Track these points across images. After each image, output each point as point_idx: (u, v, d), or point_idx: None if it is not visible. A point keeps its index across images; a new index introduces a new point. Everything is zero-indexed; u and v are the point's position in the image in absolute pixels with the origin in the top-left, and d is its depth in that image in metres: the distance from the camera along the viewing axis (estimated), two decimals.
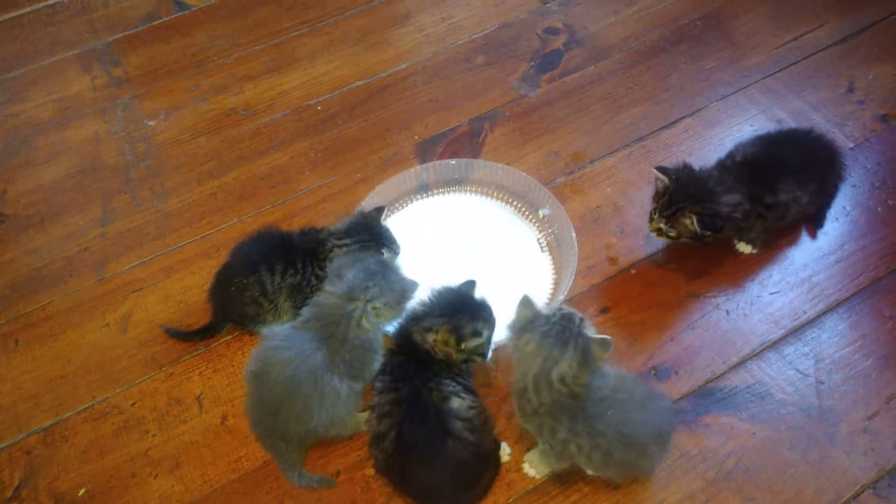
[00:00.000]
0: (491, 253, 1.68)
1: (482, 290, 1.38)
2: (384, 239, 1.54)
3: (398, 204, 1.77)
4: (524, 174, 1.74)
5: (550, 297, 1.59)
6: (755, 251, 1.65)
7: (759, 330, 1.54)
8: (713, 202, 1.50)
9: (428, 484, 1.27)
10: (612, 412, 1.20)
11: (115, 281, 1.71)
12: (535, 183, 1.72)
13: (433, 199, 1.80)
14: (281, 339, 1.31)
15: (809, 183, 1.57)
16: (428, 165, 1.78)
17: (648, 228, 1.60)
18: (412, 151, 1.92)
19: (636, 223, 1.72)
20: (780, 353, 1.51)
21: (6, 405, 1.52)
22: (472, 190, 1.80)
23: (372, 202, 1.69)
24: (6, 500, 1.39)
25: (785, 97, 1.96)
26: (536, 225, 1.72)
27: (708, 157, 1.80)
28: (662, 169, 1.55)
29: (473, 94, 2.04)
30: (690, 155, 1.84)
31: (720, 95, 1.98)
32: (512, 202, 1.77)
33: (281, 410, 1.28)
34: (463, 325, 1.27)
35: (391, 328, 1.38)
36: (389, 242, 1.55)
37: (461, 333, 1.27)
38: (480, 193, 1.79)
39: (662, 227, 1.55)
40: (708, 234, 1.51)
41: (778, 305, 1.58)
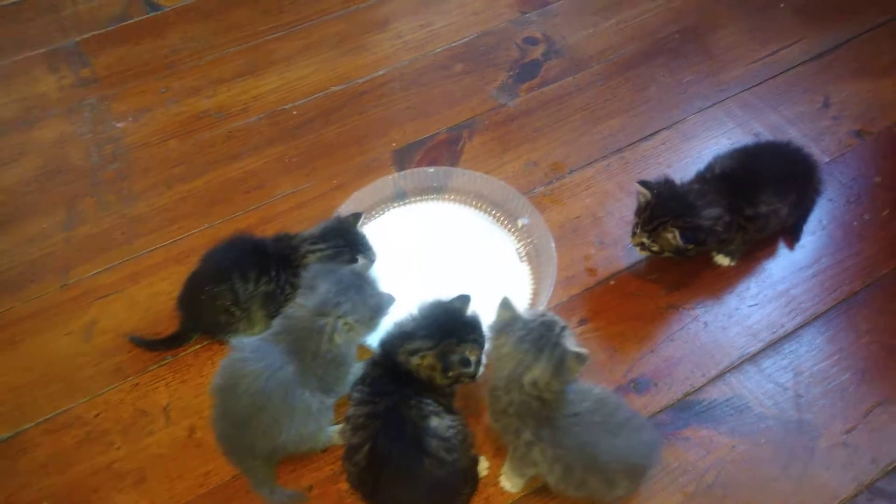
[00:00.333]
0: (469, 262, 1.66)
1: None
2: (360, 245, 1.50)
3: (375, 211, 1.74)
4: (503, 183, 1.72)
5: (529, 307, 1.56)
6: (733, 264, 1.65)
7: (737, 342, 1.54)
8: (695, 216, 1.49)
9: (402, 502, 1.23)
10: (579, 429, 1.19)
11: (79, 287, 1.65)
12: (514, 192, 1.70)
13: (411, 206, 1.77)
14: (250, 350, 1.26)
15: (788, 195, 1.57)
16: (406, 173, 1.76)
17: (631, 243, 1.59)
18: (390, 158, 1.89)
19: (615, 234, 1.72)
20: (758, 366, 1.50)
21: None
22: (450, 198, 1.78)
23: (348, 209, 1.65)
24: None
25: (762, 111, 1.97)
26: (515, 235, 1.70)
27: (686, 169, 1.80)
28: (645, 183, 1.54)
29: (452, 102, 2.02)
30: (669, 167, 1.84)
31: (698, 108, 1.99)
32: (490, 211, 1.75)
33: (248, 425, 1.24)
34: (450, 351, 1.22)
35: (372, 340, 1.34)
36: (365, 249, 1.51)
37: (448, 361, 1.22)
38: (459, 202, 1.77)
39: (645, 241, 1.54)
40: (691, 247, 1.50)
41: (756, 318, 1.58)
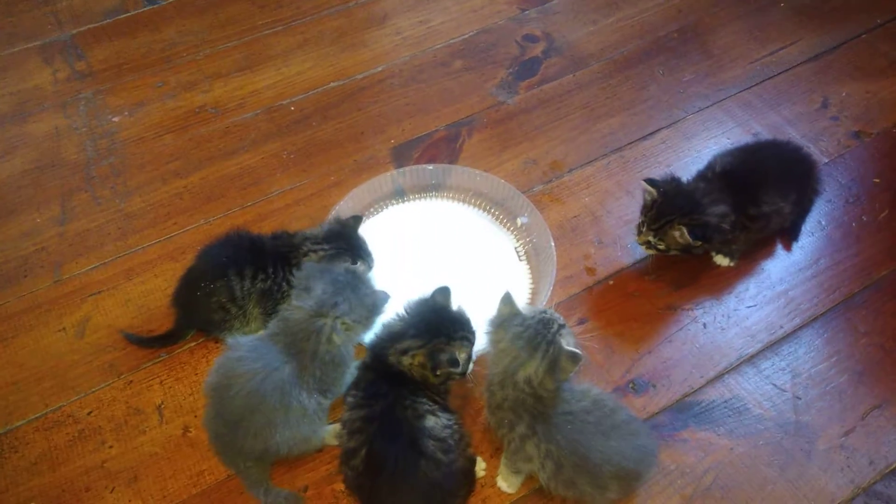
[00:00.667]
0: (468, 261, 1.65)
1: (458, 299, 1.34)
2: (360, 250, 1.49)
3: (373, 209, 1.73)
4: (502, 181, 1.71)
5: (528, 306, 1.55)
6: (732, 264, 1.64)
7: (736, 344, 1.53)
8: (701, 213, 1.48)
9: None
10: (572, 427, 1.19)
11: (72, 283, 1.64)
12: (513, 190, 1.69)
13: (409, 204, 1.76)
14: (247, 349, 1.25)
15: (790, 194, 1.57)
16: (404, 170, 1.74)
17: (637, 241, 1.58)
18: (388, 155, 1.88)
19: (614, 233, 1.71)
20: (756, 367, 1.50)
21: None
22: (449, 196, 1.76)
23: (346, 206, 1.64)
24: None
25: (761, 111, 1.96)
26: (514, 233, 1.69)
27: (686, 168, 1.80)
28: (651, 181, 1.53)
29: (451, 99, 2.01)
30: (668, 166, 1.83)
31: (697, 108, 1.98)
32: (490, 209, 1.73)
33: (240, 425, 1.22)
34: (440, 349, 1.21)
35: (369, 338, 1.33)
36: (365, 255, 1.50)
37: (437, 360, 1.21)
38: (457, 200, 1.76)
39: (651, 239, 1.54)
40: (699, 244, 1.49)
41: (755, 319, 1.57)
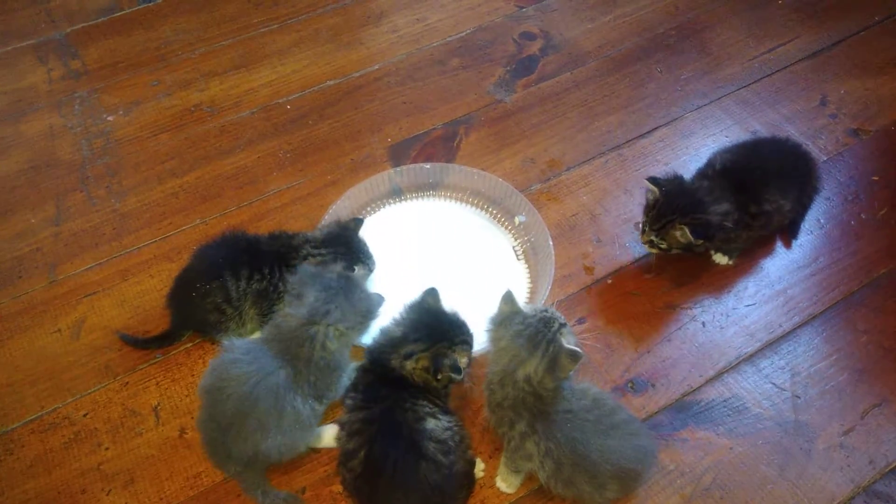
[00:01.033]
0: (466, 260, 1.64)
1: (456, 298, 1.35)
2: (361, 254, 1.48)
3: (370, 208, 1.72)
4: (500, 180, 1.70)
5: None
6: (731, 263, 1.64)
7: (735, 343, 1.53)
8: (703, 212, 1.48)
9: None
10: (571, 426, 1.19)
11: (67, 284, 1.62)
12: (511, 189, 1.68)
13: (406, 203, 1.75)
14: (242, 352, 1.24)
15: (791, 191, 1.57)
16: (401, 169, 1.73)
17: (641, 241, 1.58)
18: (385, 154, 1.87)
19: (613, 232, 1.70)
20: (756, 366, 1.49)
21: None
22: (446, 195, 1.75)
23: (343, 205, 1.63)
24: None
25: (759, 109, 1.95)
26: (512, 232, 1.68)
27: (684, 167, 1.79)
28: (653, 179, 1.52)
29: (448, 97, 2.00)
30: (666, 164, 1.82)
31: (695, 105, 1.97)
32: (487, 208, 1.73)
33: (232, 429, 1.21)
34: (443, 353, 1.22)
35: (365, 339, 1.33)
36: (366, 258, 1.49)
37: (440, 364, 1.21)
38: (455, 199, 1.75)
39: (654, 239, 1.53)
40: (700, 242, 1.48)
41: (754, 318, 1.56)
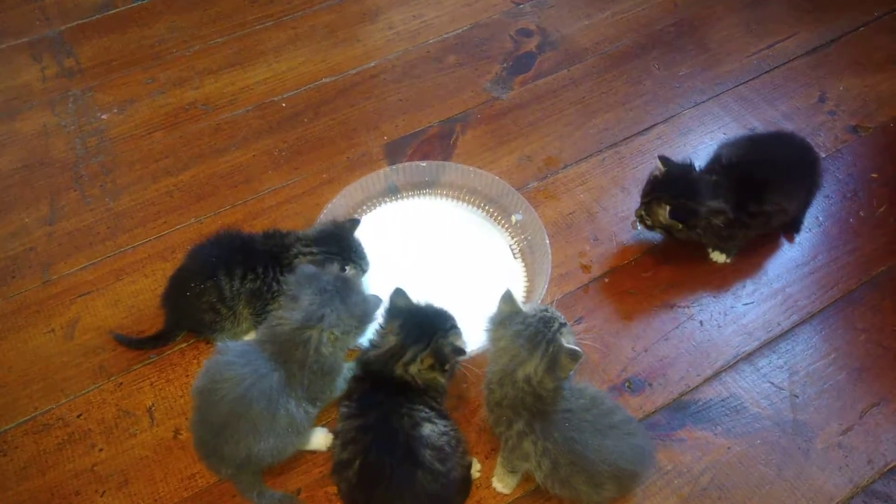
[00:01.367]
0: (462, 259, 1.63)
1: (452, 297, 1.35)
2: (353, 254, 1.46)
3: (366, 206, 1.70)
4: (497, 178, 1.69)
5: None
6: (729, 261, 1.63)
7: (733, 341, 1.52)
8: (693, 200, 1.48)
9: None
10: (569, 425, 1.18)
11: (61, 283, 1.61)
12: (507, 187, 1.67)
13: (402, 202, 1.73)
14: (236, 353, 1.22)
15: (796, 194, 1.56)
16: (397, 167, 1.72)
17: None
18: (381, 152, 1.86)
19: (610, 230, 1.69)
20: (754, 365, 1.48)
21: None
22: (442, 193, 1.74)
23: (339, 204, 1.62)
24: None
25: (758, 105, 1.94)
26: (509, 230, 1.67)
27: None
28: (665, 159, 1.53)
29: (444, 94, 1.99)
30: None
31: (693, 102, 1.96)
32: (484, 207, 1.71)
33: (224, 431, 1.19)
34: (442, 345, 1.22)
35: (363, 340, 1.32)
36: (358, 259, 1.47)
37: (444, 355, 1.21)
38: (451, 197, 1.74)
39: (643, 213, 1.55)
40: (679, 227, 1.48)
41: (752, 317, 1.55)
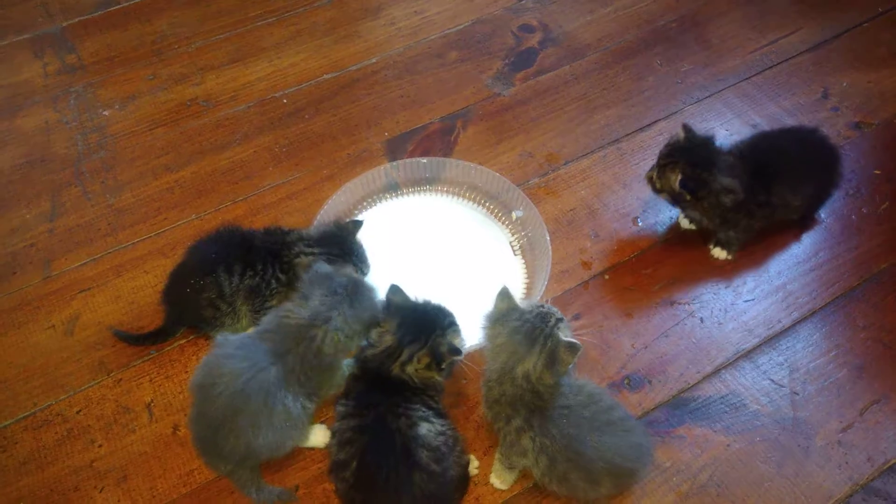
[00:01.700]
0: (462, 255, 1.63)
1: (453, 294, 1.34)
2: (354, 257, 1.46)
3: (366, 203, 1.70)
4: (497, 174, 1.68)
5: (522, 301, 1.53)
6: (730, 257, 1.62)
7: (733, 338, 1.51)
8: (708, 172, 1.47)
9: None
10: (567, 422, 1.18)
11: (62, 279, 1.62)
12: (508, 184, 1.67)
13: (403, 198, 1.73)
14: (234, 347, 1.22)
15: (803, 188, 1.56)
16: (398, 163, 1.72)
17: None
18: (382, 149, 1.85)
19: (611, 227, 1.68)
20: (754, 362, 1.48)
21: None
22: (443, 190, 1.74)
23: (339, 200, 1.62)
24: None
25: (760, 102, 1.93)
26: (509, 227, 1.67)
27: None
28: (688, 128, 1.52)
29: (446, 90, 1.98)
30: None
31: (695, 98, 1.95)
32: (484, 203, 1.71)
33: (222, 427, 1.19)
34: (438, 343, 1.21)
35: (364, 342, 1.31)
36: (360, 262, 1.48)
37: (440, 354, 1.21)
38: (452, 194, 1.74)
39: (654, 175, 1.55)
40: (688, 197, 1.48)
41: (752, 314, 1.55)
